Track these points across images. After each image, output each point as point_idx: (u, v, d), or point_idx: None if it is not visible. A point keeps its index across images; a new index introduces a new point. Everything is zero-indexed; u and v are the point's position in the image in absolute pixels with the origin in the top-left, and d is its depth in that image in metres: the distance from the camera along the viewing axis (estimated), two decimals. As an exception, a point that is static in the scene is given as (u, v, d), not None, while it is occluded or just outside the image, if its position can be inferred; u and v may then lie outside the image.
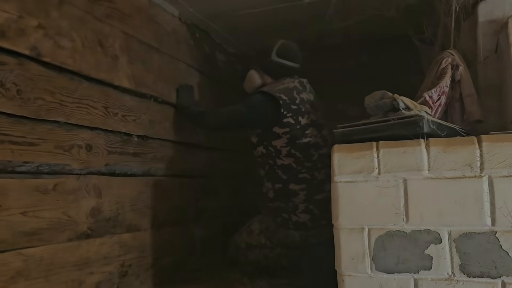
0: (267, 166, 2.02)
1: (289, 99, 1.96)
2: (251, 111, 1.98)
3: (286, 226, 1.93)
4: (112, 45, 1.72)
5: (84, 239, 1.53)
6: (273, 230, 2.00)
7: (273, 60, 2.06)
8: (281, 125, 1.94)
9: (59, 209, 1.44)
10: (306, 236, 1.92)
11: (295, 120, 1.95)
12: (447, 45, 1.77)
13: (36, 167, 1.37)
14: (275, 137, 1.96)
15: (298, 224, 1.90)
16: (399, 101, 1.30)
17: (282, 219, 1.94)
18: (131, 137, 1.83)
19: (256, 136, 2.04)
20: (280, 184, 1.96)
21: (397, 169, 1.23)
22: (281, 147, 1.95)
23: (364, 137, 1.32)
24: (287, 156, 1.94)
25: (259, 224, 2.07)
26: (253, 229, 2.08)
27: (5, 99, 1.26)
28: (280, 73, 2.09)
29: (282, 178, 1.96)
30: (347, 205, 1.27)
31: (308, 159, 1.94)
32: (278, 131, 1.95)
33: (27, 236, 1.32)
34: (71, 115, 1.50)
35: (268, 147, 1.99)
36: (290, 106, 1.95)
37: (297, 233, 1.92)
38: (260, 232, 2.05)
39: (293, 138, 1.94)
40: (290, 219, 1.92)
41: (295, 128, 1.94)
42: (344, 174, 1.28)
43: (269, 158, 1.99)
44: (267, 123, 1.97)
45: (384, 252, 1.23)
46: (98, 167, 1.63)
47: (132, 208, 1.80)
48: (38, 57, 1.37)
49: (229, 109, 2.07)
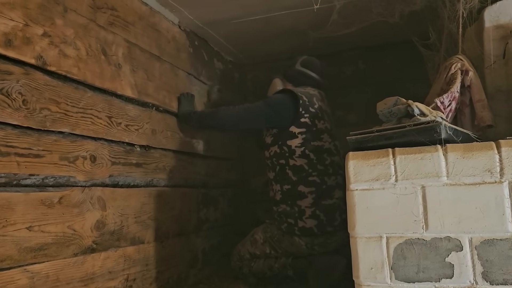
0: (278, 167, 1.99)
1: (309, 101, 2.00)
2: (271, 108, 1.99)
3: (292, 233, 1.90)
4: (116, 54, 1.68)
5: (89, 254, 1.48)
6: (278, 239, 1.97)
7: (296, 69, 2.17)
8: (298, 124, 1.95)
9: (65, 223, 1.39)
10: (312, 245, 1.89)
11: (312, 122, 1.97)
12: (452, 50, 1.78)
13: (41, 179, 1.32)
14: (291, 137, 1.96)
15: (304, 230, 1.87)
16: (414, 107, 1.28)
17: (288, 225, 1.91)
18: (134, 147, 1.79)
19: (271, 136, 2.04)
20: (289, 185, 1.94)
21: (415, 176, 1.21)
22: (296, 147, 1.94)
23: (379, 144, 1.31)
24: (300, 157, 1.94)
25: (263, 233, 2.03)
26: (257, 239, 2.04)
27: (11, 110, 1.21)
28: (301, 81, 2.15)
29: (292, 179, 1.94)
30: (364, 213, 1.25)
31: (320, 162, 1.94)
32: (295, 131, 1.95)
33: (33, 252, 1.26)
34: (75, 125, 1.45)
35: (282, 147, 1.98)
36: (308, 108, 1.98)
37: (303, 241, 1.89)
38: (264, 242, 2.01)
39: (308, 139, 1.95)
40: (296, 224, 1.89)
41: (311, 130, 1.96)
42: (360, 182, 1.26)
43: (282, 158, 1.98)
44: (285, 121, 1.97)
45: (403, 260, 1.20)
46: (102, 178, 1.58)
47: (136, 220, 1.76)
48: (44, 66, 1.32)
49: (247, 106, 2.06)
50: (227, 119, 2.03)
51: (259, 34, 2.45)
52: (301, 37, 2.41)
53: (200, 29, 2.34)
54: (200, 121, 2.08)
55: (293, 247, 1.93)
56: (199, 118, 2.08)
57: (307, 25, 2.24)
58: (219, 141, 2.60)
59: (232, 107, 2.07)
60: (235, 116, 2.02)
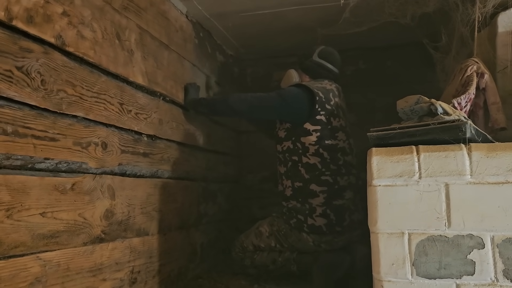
0: (290, 163, 1.96)
1: (325, 98, 1.96)
2: (284, 101, 1.93)
3: (300, 228, 1.89)
4: (128, 39, 1.63)
5: (97, 243, 1.43)
6: (285, 233, 1.95)
7: (313, 60, 2.09)
8: (313, 122, 1.92)
9: (76, 211, 1.34)
10: (319, 242, 1.88)
11: (327, 120, 1.93)
12: (462, 53, 1.81)
13: (55, 164, 1.26)
14: (305, 134, 1.92)
15: (313, 228, 1.86)
16: (438, 105, 1.29)
17: (297, 221, 1.90)
18: (141, 136, 1.74)
19: (285, 130, 2.00)
20: (301, 183, 1.92)
21: (439, 174, 1.22)
22: (310, 144, 1.91)
23: (401, 141, 1.31)
24: (314, 155, 1.91)
25: (269, 226, 2.01)
26: (262, 231, 2.02)
27: (30, 90, 1.16)
28: (318, 73, 2.09)
29: (304, 177, 1.91)
30: (386, 209, 1.25)
31: (334, 162, 1.92)
32: (309, 128, 1.92)
33: (46, 239, 1.21)
34: (89, 110, 1.40)
35: (296, 143, 1.95)
36: (324, 105, 1.94)
37: (310, 238, 1.88)
38: (270, 235, 1.99)
39: (323, 137, 1.91)
40: (305, 221, 1.87)
41: (326, 128, 1.92)
42: (384, 178, 1.26)
43: (295, 154, 1.95)
44: (299, 117, 1.93)
45: (425, 257, 1.21)
46: (112, 166, 1.53)
47: (142, 211, 1.71)
48: (63, 47, 1.27)
49: (260, 95, 1.99)
50: (238, 106, 1.96)
51: (265, 29, 2.43)
52: (307, 34, 2.41)
53: (206, 20, 2.31)
54: (209, 107, 2.03)
55: (300, 242, 1.92)
56: (209, 104, 2.03)
57: (316, 22, 2.23)
58: (218, 135, 2.57)
59: (244, 94, 2.02)
60: (246, 103, 1.96)
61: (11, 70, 1.10)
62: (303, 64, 2.14)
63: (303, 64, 2.14)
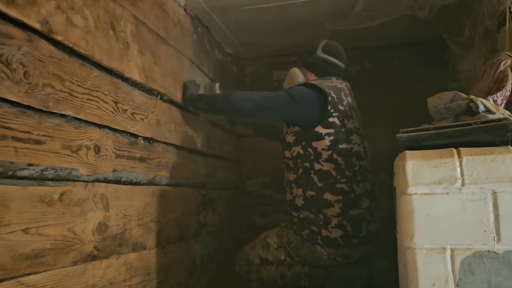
0: (301, 170, 1.79)
1: (337, 98, 1.78)
2: (294, 101, 1.75)
3: (313, 241, 1.71)
4: (124, 30, 1.46)
5: (90, 262, 1.25)
6: (296, 246, 1.78)
7: (318, 56, 1.90)
8: (326, 125, 1.74)
9: (65, 225, 1.15)
10: (334, 255, 1.71)
11: (341, 122, 1.76)
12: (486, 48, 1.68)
13: (40, 171, 1.08)
14: (317, 138, 1.75)
15: (328, 240, 1.69)
16: (479, 103, 1.15)
17: (310, 233, 1.72)
18: (137, 139, 1.56)
19: (293, 134, 1.82)
20: (314, 192, 1.74)
21: (485, 180, 1.07)
22: (322, 149, 1.74)
23: (437, 143, 1.16)
24: (327, 161, 1.74)
25: (278, 237, 1.84)
26: (270, 243, 1.84)
27: (11, 83, 0.97)
28: (325, 70, 1.91)
29: (317, 185, 1.74)
30: (424, 221, 1.09)
31: (349, 168, 1.75)
32: (321, 131, 1.74)
33: (29, 260, 1.03)
34: (80, 108, 1.22)
35: (306, 148, 1.77)
36: (337, 106, 1.77)
37: (325, 251, 1.70)
38: (279, 247, 1.82)
39: (336, 141, 1.74)
40: (319, 233, 1.70)
41: (340, 131, 1.75)
42: (420, 185, 1.11)
43: (306, 160, 1.77)
44: (309, 120, 1.76)
45: (471, 276, 1.06)
46: (105, 173, 1.35)
47: (139, 223, 1.53)
48: (49, 34, 1.09)
49: (266, 94, 1.80)
50: (242, 104, 1.77)
51: (268, 25, 2.27)
52: (313, 30, 2.25)
53: (205, 15, 2.14)
54: (210, 103, 1.84)
55: (313, 256, 1.74)
56: (209, 101, 1.84)
57: (324, 16, 2.08)
58: (218, 138, 2.40)
59: (249, 92, 1.82)
60: (251, 102, 1.77)
61: (-13, 59, 0.92)
62: (307, 62, 1.94)
63: (308, 62, 1.94)
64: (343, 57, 1.94)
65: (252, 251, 1.89)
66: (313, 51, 1.92)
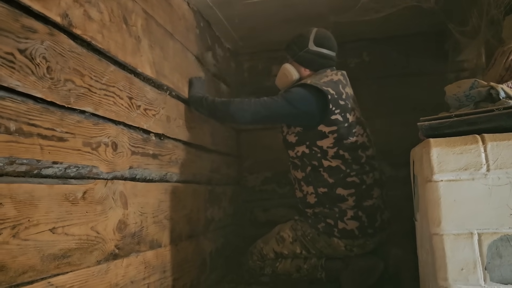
0: (309, 168, 1.78)
1: (337, 93, 1.77)
2: (292, 106, 1.73)
3: (330, 233, 1.72)
4: (135, 24, 1.43)
5: (112, 261, 1.23)
6: (312, 238, 1.78)
7: (311, 50, 1.85)
8: (328, 123, 1.73)
9: (88, 224, 1.13)
10: (351, 246, 1.72)
11: (343, 117, 1.75)
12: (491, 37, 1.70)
13: (64, 169, 1.05)
14: (321, 137, 1.74)
15: (344, 232, 1.70)
16: (500, 89, 1.16)
17: (326, 226, 1.73)
18: (150, 135, 1.54)
19: (295, 135, 1.81)
20: (326, 188, 1.74)
21: (510, 165, 1.08)
22: (328, 147, 1.74)
23: (459, 130, 1.17)
24: (334, 158, 1.74)
25: (292, 231, 1.84)
26: (285, 237, 1.84)
27: (35, 78, 0.94)
28: (319, 63, 1.87)
29: (328, 181, 1.74)
30: (451, 207, 1.10)
31: (356, 161, 1.76)
32: (325, 130, 1.74)
33: (56, 260, 1.00)
34: (99, 104, 1.20)
35: (312, 147, 1.77)
36: (338, 102, 1.76)
37: (342, 242, 1.72)
38: (294, 240, 1.82)
39: (340, 137, 1.74)
40: (336, 225, 1.71)
41: (343, 126, 1.75)
42: (446, 172, 1.11)
43: (313, 159, 1.77)
44: (310, 122, 1.75)
45: (499, 259, 1.07)
46: (122, 170, 1.33)
47: (154, 220, 1.51)
48: (69, 28, 1.06)
49: (264, 101, 1.77)
50: (241, 115, 1.76)
51: (270, 18, 2.26)
52: (315, 22, 2.24)
53: (207, 9, 2.12)
54: (210, 110, 1.82)
55: (330, 248, 1.75)
56: (210, 107, 1.81)
57: (327, 8, 2.08)
58: (220, 134, 2.38)
59: (247, 101, 1.79)
60: (250, 112, 1.75)
61: (13, 53, 0.89)
62: (299, 57, 1.88)
63: (300, 57, 1.88)
64: (334, 46, 1.90)
65: (266, 246, 1.88)
66: (305, 44, 1.87)
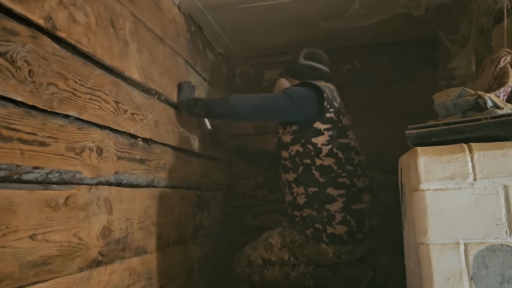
0: (301, 168, 1.79)
1: (332, 96, 1.83)
2: (292, 99, 1.77)
3: (318, 239, 1.71)
4: (123, 28, 1.42)
5: (95, 268, 1.20)
6: (301, 245, 1.77)
7: (301, 63, 1.95)
8: (324, 120, 1.77)
9: (70, 230, 1.11)
10: (340, 253, 1.71)
11: (337, 118, 1.80)
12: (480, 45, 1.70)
13: (45, 174, 1.03)
14: (316, 134, 1.77)
15: (333, 237, 1.69)
16: (487, 98, 1.16)
17: (315, 231, 1.72)
18: (137, 140, 1.52)
19: (291, 134, 1.83)
20: (316, 188, 1.74)
21: (496, 175, 1.08)
22: (322, 145, 1.76)
23: (446, 138, 1.17)
24: (328, 156, 1.75)
25: (281, 237, 1.82)
26: (273, 243, 1.83)
27: (16, 82, 0.93)
28: (309, 75, 1.94)
29: (319, 180, 1.74)
30: (437, 216, 1.10)
31: (349, 162, 1.77)
32: (320, 127, 1.77)
33: (36, 268, 0.98)
34: (83, 109, 1.18)
35: (306, 145, 1.78)
36: (333, 102, 1.81)
37: (330, 248, 1.70)
38: (282, 247, 1.80)
39: (335, 136, 1.77)
40: (324, 230, 1.70)
41: (337, 126, 1.78)
42: (433, 181, 1.11)
43: (306, 157, 1.78)
44: (308, 116, 1.78)
45: (485, 270, 1.06)
46: (108, 175, 1.31)
47: (140, 226, 1.49)
48: (53, 31, 1.05)
49: (265, 95, 1.82)
50: (242, 107, 1.76)
51: (261, 23, 2.26)
52: (306, 28, 2.25)
53: (199, 13, 2.11)
54: (207, 108, 1.80)
55: (319, 254, 1.73)
56: (206, 105, 1.80)
57: (318, 14, 2.07)
58: (211, 139, 2.37)
59: (247, 95, 1.81)
60: (250, 104, 1.76)
61: (-7, 56, 0.87)
62: (291, 71, 2.00)
63: (292, 70, 2.00)
64: (325, 61, 1.99)
65: (254, 252, 1.87)
66: (296, 59, 1.98)
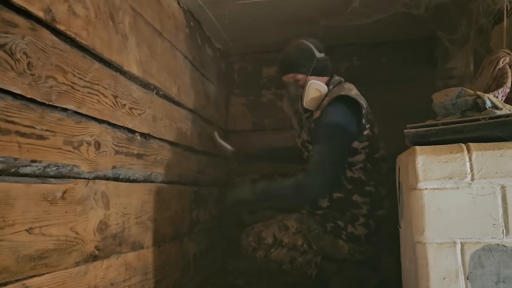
0: None
1: (366, 105, 1.77)
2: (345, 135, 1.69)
3: (337, 235, 1.72)
4: (122, 21, 1.41)
5: (91, 262, 1.20)
6: (317, 234, 1.77)
7: (320, 58, 1.85)
8: (361, 138, 1.73)
9: (67, 224, 1.10)
10: (354, 251, 1.73)
11: (372, 132, 1.75)
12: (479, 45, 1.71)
13: (43, 168, 1.03)
14: (353, 154, 1.73)
15: (352, 237, 1.70)
16: (486, 99, 1.16)
17: (335, 227, 1.72)
18: (135, 134, 1.52)
19: None
20: (342, 194, 1.74)
21: (494, 175, 1.08)
22: (357, 161, 1.74)
23: (445, 138, 1.17)
24: (359, 169, 1.74)
25: (297, 223, 1.82)
26: (289, 226, 1.83)
27: (14, 74, 0.92)
28: (329, 67, 1.88)
29: (346, 188, 1.74)
30: (434, 216, 1.10)
31: (377, 171, 1.75)
32: (358, 146, 1.73)
33: (32, 261, 0.97)
34: (81, 102, 1.17)
35: None
36: (368, 116, 1.76)
37: (347, 246, 1.72)
38: (297, 232, 1.80)
39: (371, 152, 1.74)
40: (345, 228, 1.71)
41: (372, 140, 1.74)
42: (431, 180, 1.11)
43: None
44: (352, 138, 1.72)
45: (481, 269, 1.07)
46: (105, 170, 1.30)
47: (137, 221, 1.49)
48: (52, 23, 1.04)
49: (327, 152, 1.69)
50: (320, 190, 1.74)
51: (261, 20, 2.25)
52: (304, 26, 2.24)
53: (198, 8, 2.10)
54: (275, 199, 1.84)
55: (334, 248, 1.74)
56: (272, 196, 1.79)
57: (318, 12, 2.07)
58: (208, 134, 2.36)
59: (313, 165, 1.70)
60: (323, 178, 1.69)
61: (-8, 48, 0.86)
62: (315, 69, 1.82)
63: (316, 68, 1.82)
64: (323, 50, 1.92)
65: (267, 230, 1.86)
66: (312, 54, 1.83)
